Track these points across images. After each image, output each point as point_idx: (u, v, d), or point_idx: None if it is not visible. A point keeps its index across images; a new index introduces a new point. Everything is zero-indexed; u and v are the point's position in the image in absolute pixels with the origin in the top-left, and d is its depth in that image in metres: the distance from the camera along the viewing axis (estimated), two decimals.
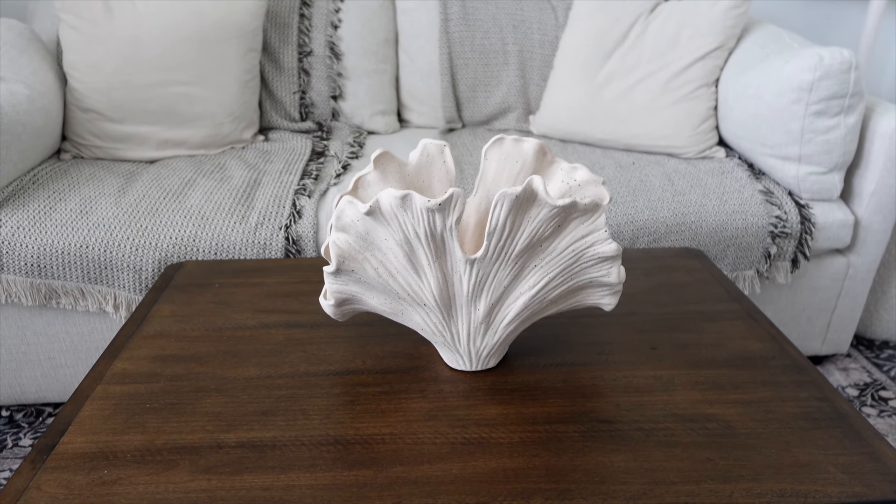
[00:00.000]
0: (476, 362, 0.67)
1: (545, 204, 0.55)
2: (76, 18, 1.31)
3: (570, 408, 0.63)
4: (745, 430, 0.60)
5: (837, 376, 1.40)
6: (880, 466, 0.56)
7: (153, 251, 1.07)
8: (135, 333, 0.74)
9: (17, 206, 1.12)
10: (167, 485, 0.53)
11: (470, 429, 0.60)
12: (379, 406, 0.63)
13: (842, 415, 0.62)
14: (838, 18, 1.93)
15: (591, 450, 0.57)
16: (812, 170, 1.19)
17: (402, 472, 0.55)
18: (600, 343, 0.73)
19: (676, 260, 0.92)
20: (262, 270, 0.88)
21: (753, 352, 0.71)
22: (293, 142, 1.43)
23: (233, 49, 1.38)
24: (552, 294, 0.62)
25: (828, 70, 1.10)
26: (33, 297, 1.10)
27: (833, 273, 1.28)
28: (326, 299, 0.65)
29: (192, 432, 0.59)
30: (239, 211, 1.13)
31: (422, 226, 0.56)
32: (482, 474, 0.55)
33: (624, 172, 1.26)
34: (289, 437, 0.59)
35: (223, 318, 0.77)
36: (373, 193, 0.66)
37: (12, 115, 1.14)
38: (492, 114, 1.59)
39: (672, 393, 0.65)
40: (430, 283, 0.60)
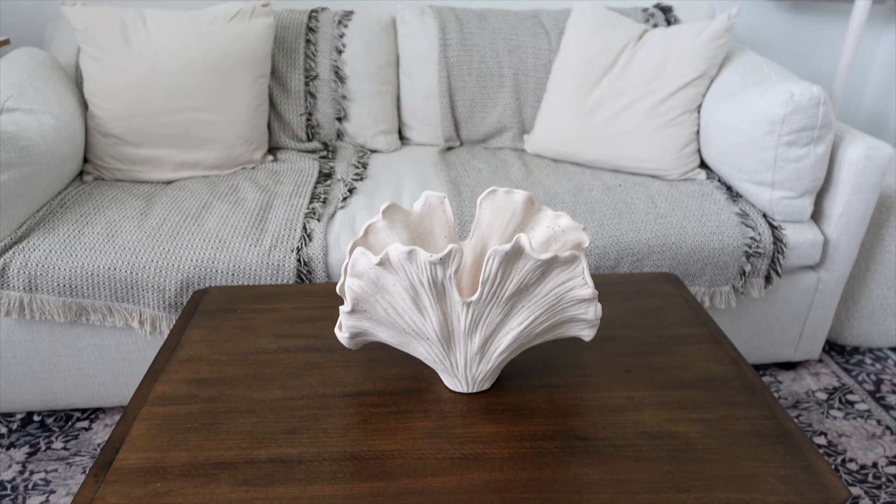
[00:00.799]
0: (472, 385, 0.77)
1: (530, 258, 0.65)
2: (96, 49, 1.39)
3: (552, 426, 0.73)
4: (702, 446, 0.70)
5: (809, 381, 1.51)
6: (814, 478, 0.66)
7: (175, 272, 1.17)
8: (171, 358, 0.84)
9: (47, 230, 1.21)
10: (211, 496, 0.63)
11: (467, 445, 0.70)
12: (388, 425, 0.73)
13: (786, 432, 0.72)
14: (823, 32, 2.02)
15: (570, 464, 0.67)
16: (784, 194, 1.28)
17: (410, 484, 0.65)
18: (581, 366, 0.83)
19: (654, 285, 1.02)
20: (279, 296, 0.98)
21: (715, 374, 0.81)
22: (301, 163, 1.52)
23: (243, 76, 1.46)
24: (538, 329, 0.72)
25: (798, 105, 1.20)
26: (65, 314, 1.19)
27: (804, 287, 1.38)
28: (342, 331, 0.74)
29: (228, 449, 0.69)
30: (253, 234, 1.22)
31: (425, 275, 0.65)
32: (477, 486, 0.65)
33: (611, 195, 1.36)
34: (312, 453, 0.69)
35: (247, 343, 0.87)
36: (381, 239, 0.75)
37: (42, 146, 1.23)
38: (488, 133, 1.68)
39: (641, 412, 0.75)
40: (432, 321, 0.70)
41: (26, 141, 1.19)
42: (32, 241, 1.18)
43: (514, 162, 1.54)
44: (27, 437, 1.33)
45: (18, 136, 1.17)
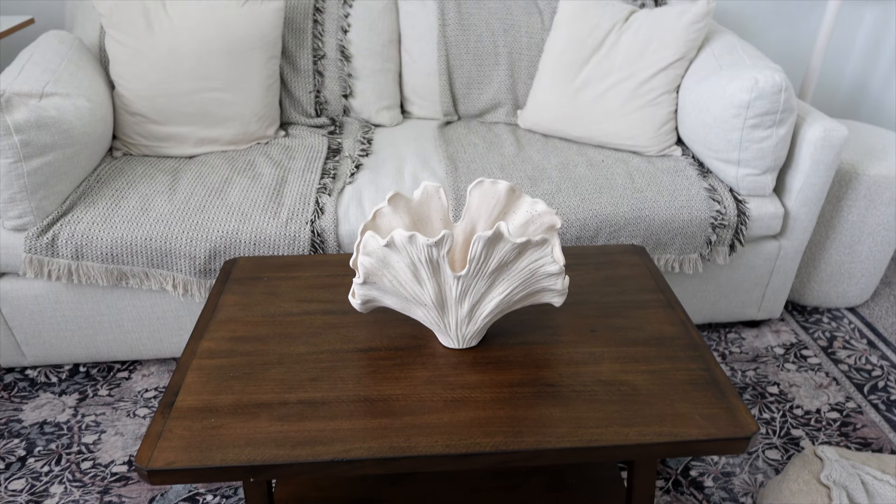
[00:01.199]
0: (462, 342, 0.93)
1: (508, 241, 0.80)
2: (121, 34, 1.51)
3: (527, 375, 0.89)
4: (646, 392, 0.86)
5: (769, 337, 1.68)
6: (731, 416, 0.83)
7: (204, 242, 1.32)
8: (211, 319, 1.00)
9: (88, 204, 1.36)
10: (255, 429, 0.80)
11: (457, 390, 0.87)
12: (393, 374, 0.90)
13: (716, 381, 0.89)
14: (806, 5, 2.11)
15: (539, 405, 0.84)
16: (749, 171, 1.42)
17: (411, 420, 0.82)
18: (553, 326, 0.99)
19: (622, 256, 1.17)
20: (299, 265, 1.14)
21: (665, 333, 0.98)
22: (311, 139, 1.65)
23: (256, 57, 1.58)
24: (515, 297, 0.88)
25: (762, 91, 1.32)
26: (107, 279, 1.35)
27: (766, 254, 1.54)
28: (355, 298, 0.90)
29: (265, 393, 0.86)
30: (271, 208, 1.37)
31: (423, 255, 0.81)
32: (464, 422, 0.82)
33: (593, 170, 1.49)
34: (332, 396, 0.85)
35: (274, 306, 1.03)
36: (387, 222, 0.90)
37: (80, 128, 1.36)
38: (484, 108, 1.80)
39: (600, 365, 0.91)
40: (429, 291, 0.85)
41: (67, 125, 1.32)
42: (76, 215, 1.33)
43: (508, 137, 1.67)
44: (75, 385, 1.52)
45: (60, 119, 1.31)
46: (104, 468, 1.31)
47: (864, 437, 1.39)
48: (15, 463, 1.32)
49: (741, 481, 1.29)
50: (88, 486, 1.27)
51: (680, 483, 1.29)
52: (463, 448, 0.78)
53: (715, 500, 1.26)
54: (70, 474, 1.30)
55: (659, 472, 1.32)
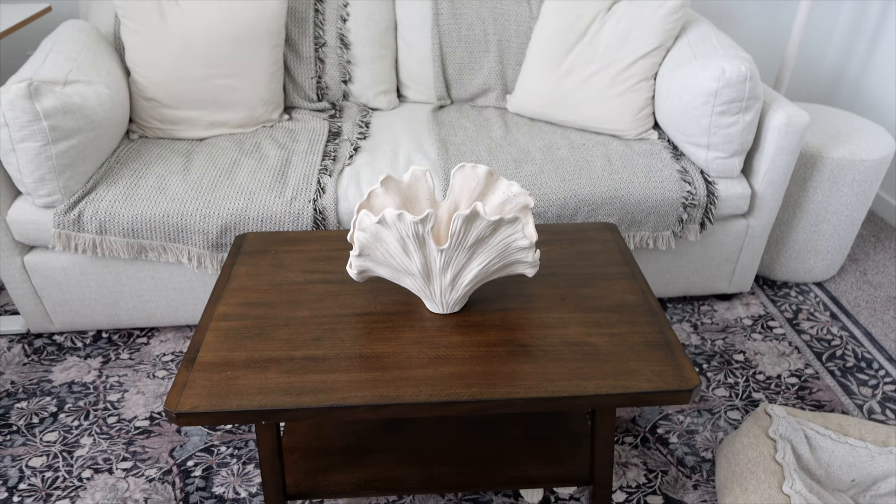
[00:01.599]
0: (446, 308, 1.06)
1: (483, 219, 0.92)
2: (136, 24, 1.62)
3: (502, 337, 1.02)
4: (605, 351, 0.99)
5: (739, 310, 1.80)
6: (678, 372, 0.96)
7: (216, 218, 1.45)
8: (225, 288, 1.13)
9: (110, 183, 1.48)
10: (265, 380, 0.94)
11: (440, 349, 1.00)
12: (385, 335, 1.03)
13: (668, 342, 1.01)
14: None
15: (511, 362, 0.97)
16: (717, 155, 1.53)
17: (399, 374, 0.95)
18: (528, 295, 1.11)
19: (595, 233, 1.29)
20: (302, 240, 1.26)
21: (627, 301, 1.10)
22: (313, 122, 1.76)
23: (262, 46, 1.69)
24: (493, 268, 1.00)
25: (728, 81, 1.43)
26: (128, 252, 1.48)
27: (735, 232, 1.65)
28: (352, 269, 1.03)
29: (273, 350, 0.99)
30: (276, 188, 1.49)
31: (410, 231, 0.93)
32: (446, 375, 0.95)
33: (574, 153, 1.61)
34: (332, 353, 0.99)
35: (281, 276, 1.16)
36: (380, 202, 1.03)
37: (101, 113, 1.48)
38: (475, 93, 1.91)
39: (567, 328, 1.04)
40: (416, 262, 0.98)
41: (90, 110, 1.44)
42: (99, 193, 1.45)
43: (496, 121, 1.78)
44: (99, 349, 1.66)
45: (83, 106, 1.42)
46: (128, 423, 1.45)
47: (819, 400, 1.52)
48: (48, 418, 1.47)
49: (703, 438, 1.43)
50: (115, 438, 1.42)
51: (647, 440, 1.43)
52: (444, 397, 0.92)
53: (678, 454, 1.40)
54: (98, 428, 1.44)
55: (629, 430, 1.45)
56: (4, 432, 1.43)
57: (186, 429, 1.45)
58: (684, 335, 1.71)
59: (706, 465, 1.37)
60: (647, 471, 1.35)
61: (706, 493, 1.31)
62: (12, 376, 1.57)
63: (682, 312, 1.79)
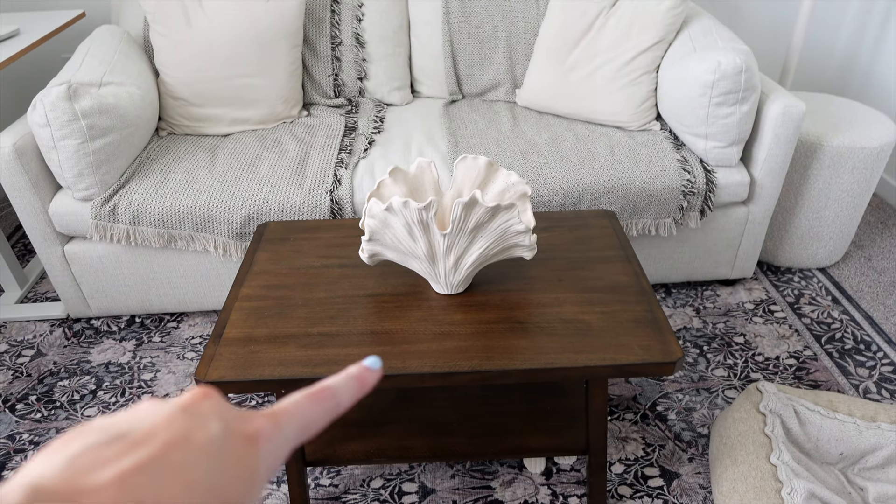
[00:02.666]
0: (450, 289, 1.14)
1: (482, 206, 1.00)
2: (164, 28, 1.72)
3: (501, 315, 1.10)
4: (597, 328, 1.07)
5: (742, 294, 1.86)
6: (663, 346, 1.03)
7: (240, 209, 1.55)
8: (248, 272, 1.23)
9: (142, 177, 1.59)
10: (284, 353, 1.03)
11: (444, 326, 1.08)
12: (394, 314, 1.12)
13: (656, 320, 1.09)
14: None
15: (509, 338, 1.06)
16: (716, 144, 1.59)
17: (407, 348, 1.04)
18: (528, 277, 1.20)
19: (595, 220, 1.37)
20: (319, 228, 1.36)
21: (620, 282, 1.18)
22: (330, 118, 1.86)
23: (281, 46, 1.79)
24: (492, 251, 1.09)
25: (724, 73, 1.48)
26: (159, 241, 1.59)
27: (736, 219, 1.71)
28: (363, 253, 1.12)
29: (293, 328, 1.09)
30: (296, 180, 1.59)
31: (415, 217, 1.02)
32: (449, 349, 1.04)
33: (579, 144, 1.68)
34: (345, 330, 1.08)
35: (299, 261, 1.25)
36: (389, 191, 1.11)
37: (133, 113, 1.59)
38: (486, 88, 1.98)
39: (563, 307, 1.12)
40: (421, 246, 1.06)
41: (123, 110, 1.55)
42: (132, 187, 1.56)
43: (506, 114, 1.86)
44: (132, 333, 1.78)
45: (117, 105, 1.54)
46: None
47: (815, 380, 1.58)
48: (87, 395, 1.59)
49: (700, 415, 1.50)
50: None
51: (647, 416, 1.50)
52: (446, 368, 1.00)
53: (676, 430, 1.47)
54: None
55: (629, 407, 1.53)
56: (49, 408, 1.55)
57: None
58: (687, 319, 1.77)
59: (702, 440, 1.43)
60: (646, 444, 1.43)
61: (700, 465, 1.38)
62: (55, 357, 1.70)
63: (686, 297, 1.85)
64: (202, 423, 0.23)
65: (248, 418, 0.25)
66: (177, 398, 0.25)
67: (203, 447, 0.22)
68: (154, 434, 0.22)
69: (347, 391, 0.30)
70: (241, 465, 0.23)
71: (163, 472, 0.20)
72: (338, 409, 0.29)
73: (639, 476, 1.36)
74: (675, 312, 1.80)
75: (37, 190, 1.54)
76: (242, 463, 0.23)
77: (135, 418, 0.23)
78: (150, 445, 0.21)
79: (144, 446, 0.21)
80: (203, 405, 0.24)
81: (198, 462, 0.22)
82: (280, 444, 0.26)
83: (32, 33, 1.78)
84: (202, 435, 0.23)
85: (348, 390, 0.30)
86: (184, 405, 0.24)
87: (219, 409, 0.25)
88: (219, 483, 0.22)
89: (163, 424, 0.22)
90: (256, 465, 0.24)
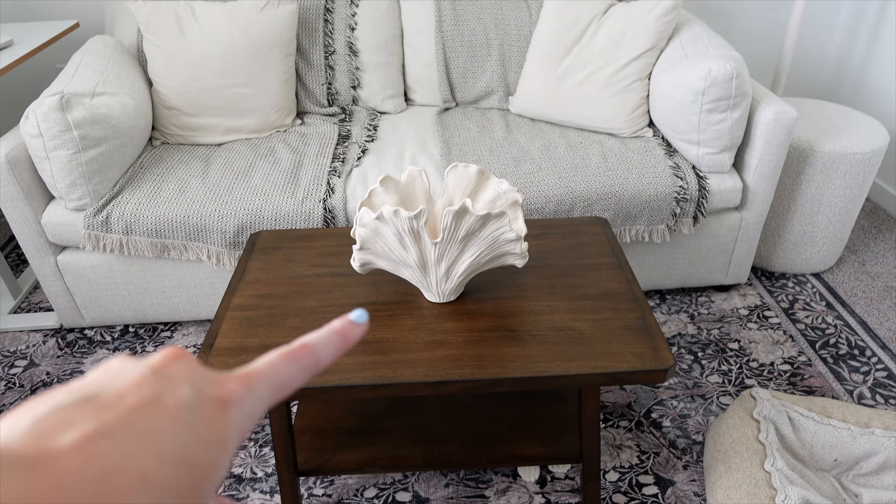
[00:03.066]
0: (442, 297, 1.14)
1: (472, 214, 1.00)
2: (157, 38, 1.73)
3: (493, 323, 1.10)
4: (589, 335, 1.07)
5: (736, 300, 1.86)
6: (655, 354, 1.03)
7: (233, 219, 1.55)
8: (241, 281, 1.23)
9: (135, 187, 1.59)
10: None
11: (436, 334, 1.08)
12: (386, 322, 1.11)
13: (648, 327, 1.09)
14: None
15: (500, 346, 1.05)
16: (707, 151, 1.59)
17: (399, 357, 1.04)
18: (520, 285, 1.19)
19: (587, 226, 1.37)
20: (311, 237, 1.35)
21: (612, 290, 1.18)
22: (323, 126, 1.86)
23: (274, 55, 1.79)
24: (484, 259, 1.09)
25: (715, 80, 1.49)
26: (152, 251, 1.59)
27: (729, 224, 1.71)
28: (355, 262, 1.12)
29: (284, 337, 1.09)
30: (289, 189, 1.59)
31: (406, 225, 1.02)
32: (440, 358, 1.03)
33: (572, 151, 1.68)
34: None
35: (292, 270, 1.25)
36: (380, 200, 1.11)
37: (126, 123, 1.59)
38: (479, 95, 1.99)
39: (555, 314, 1.12)
40: (412, 255, 1.06)
41: (116, 120, 1.55)
42: (125, 196, 1.56)
43: (499, 122, 1.86)
44: (126, 343, 1.77)
45: (110, 116, 1.54)
46: None
47: (810, 386, 1.58)
48: None
49: (695, 422, 1.50)
50: None
51: (642, 423, 1.50)
52: (437, 377, 1.00)
53: (671, 437, 1.46)
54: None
55: (624, 415, 1.52)
56: None
57: None
58: (681, 325, 1.77)
59: (696, 448, 1.43)
60: (640, 452, 1.42)
61: (695, 472, 1.38)
62: (48, 368, 1.69)
63: (680, 303, 1.85)
64: (172, 386, 0.22)
65: (219, 381, 0.24)
66: (148, 358, 0.24)
67: (172, 412, 0.21)
68: (122, 397, 0.21)
69: (328, 348, 0.28)
70: (211, 430, 0.22)
71: (129, 438, 0.20)
72: (317, 366, 0.28)
73: (633, 484, 1.36)
74: (669, 319, 1.80)
75: (29, 200, 1.54)
76: (213, 428, 0.23)
77: (104, 379, 0.22)
78: (116, 409, 0.20)
79: (111, 410, 0.20)
80: (174, 367, 0.24)
81: (167, 428, 0.21)
82: (252, 407, 0.25)
83: (26, 44, 1.78)
84: (172, 399, 0.22)
85: (329, 347, 0.28)
86: (155, 367, 0.23)
87: (190, 371, 0.24)
88: (188, 450, 0.21)
89: (132, 387, 0.22)
90: (228, 430, 0.23)
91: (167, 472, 0.20)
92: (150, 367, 0.23)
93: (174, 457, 0.20)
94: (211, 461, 0.22)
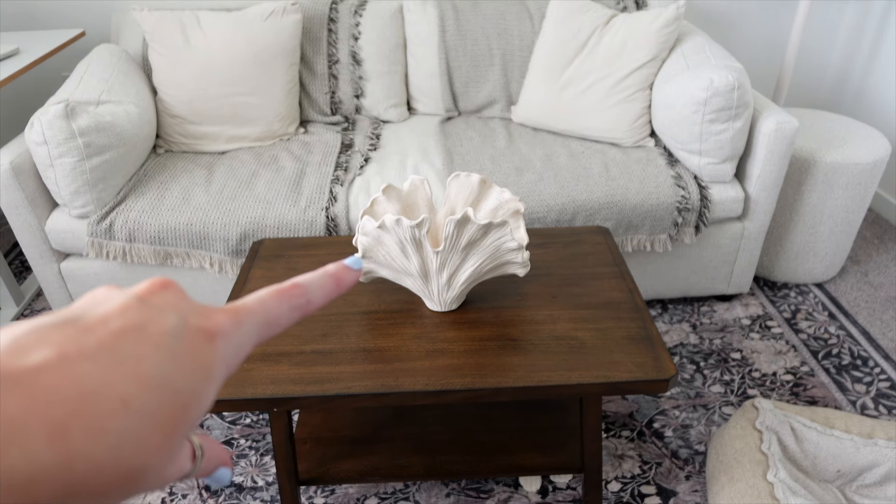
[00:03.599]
0: (444, 306, 1.14)
1: (474, 223, 1.01)
2: (162, 47, 1.74)
3: (495, 332, 1.10)
4: (591, 344, 1.07)
5: (739, 310, 1.86)
6: (657, 363, 1.03)
7: (235, 227, 1.55)
8: (242, 289, 1.23)
9: (138, 195, 1.60)
10: (277, 371, 1.03)
11: (438, 343, 1.08)
12: (387, 331, 1.11)
13: (650, 336, 1.09)
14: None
15: (502, 355, 1.05)
16: (709, 160, 1.60)
17: (400, 366, 1.04)
18: (522, 294, 1.20)
19: (588, 236, 1.37)
20: (314, 245, 1.36)
21: (614, 299, 1.18)
22: (326, 135, 1.87)
23: (278, 64, 1.80)
24: (485, 268, 1.09)
25: (716, 90, 1.50)
26: (155, 258, 1.59)
27: (731, 234, 1.71)
28: None
29: (285, 345, 1.09)
30: (292, 197, 1.60)
31: (408, 234, 1.02)
32: (442, 367, 1.03)
33: (574, 161, 1.69)
34: (338, 348, 1.08)
35: None
36: (382, 209, 1.12)
37: (131, 131, 1.60)
38: (481, 105, 2.00)
39: (556, 323, 1.12)
40: (414, 263, 1.07)
41: (120, 128, 1.56)
42: (129, 204, 1.57)
43: (501, 131, 1.87)
44: None
45: (114, 124, 1.55)
46: None
47: (813, 396, 1.57)
48: None
49: (697, 432, 1.49)
50: None
51: (644, 433, 1.49)
52: (439, 386, 1.00)
53: (673, 447, 1.46)
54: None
55: (626, 424, 1.52)
56: None
57: (208, 423, 1.55)
58: (683, 334, 1.77)
59: (699, 458, 1.42)
60: (643, 462, 1.42)
61: (697, 483, 1.37)
62: None
63: (682, 313, 1.85)
64: (158, 314, 0.22)
65: (206, 313, 0.24)
66: (134, 287, 0.24)
67: (156, 339, 0.21)
68: (106, 321, 0.21)
69: (321, 290, 0.28)
70: (195, 361, 0.22)
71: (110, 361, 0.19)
72: (308, 307, 0.28)
73: (635, 494, 1.35)
74: (671, 328, 1.79)
75: (33, 207, 1.55)
76: (197, 359, 0.22)
77: (89, 305, 0.22)
78: (98, 333, 0.20)
79: (93, 333, 0.20)
80: (160, 296, 0.23)
81: (149, 354, 0.21)
82: (239, 342, 0.25)
83: (32, 52, 1.79)
84: (156, 327, 0.22)
85: (322, 289, 0.28)
86: (140, 294, 0.23)
87: (176, 301, 0.24)
88: (170, 378, 0.21)
89: (116, 312, 0.21)
90: (213, 362, 0.23)
91: (148, 397, 0.20)
92: (135, 294, 0.23)
93: (156, 382, 0.20)
94: (194, 391, 0.22)
